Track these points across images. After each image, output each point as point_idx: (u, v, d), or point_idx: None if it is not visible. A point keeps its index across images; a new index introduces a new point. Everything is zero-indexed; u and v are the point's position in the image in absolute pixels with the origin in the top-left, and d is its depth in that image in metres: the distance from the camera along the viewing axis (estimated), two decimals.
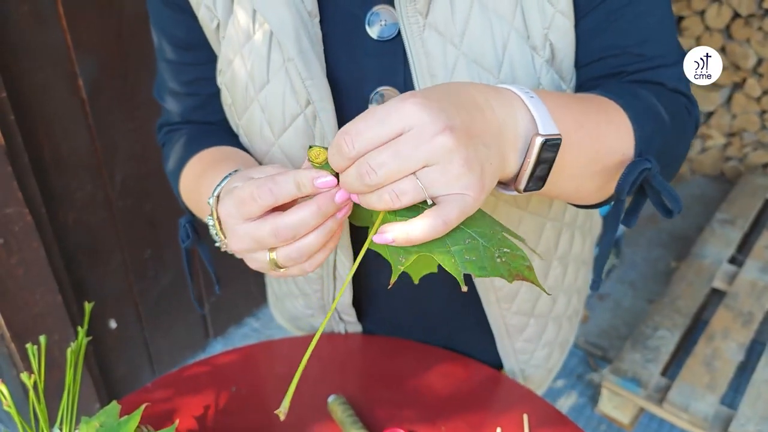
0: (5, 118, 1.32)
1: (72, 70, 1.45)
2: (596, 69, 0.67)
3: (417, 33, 0.63)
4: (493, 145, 0.48)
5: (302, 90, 0.65)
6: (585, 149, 0.56)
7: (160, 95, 0.82)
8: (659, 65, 0.66)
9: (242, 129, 0.73)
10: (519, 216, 0.76)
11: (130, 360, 1.84)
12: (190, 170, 0.74)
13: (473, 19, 0.62)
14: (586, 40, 0.66)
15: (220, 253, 1.11)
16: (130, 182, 1.65)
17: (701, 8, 2.57)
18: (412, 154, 0.44)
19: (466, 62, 0.63)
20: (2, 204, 1.32)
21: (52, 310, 1.46)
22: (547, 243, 0.81)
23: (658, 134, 0.62)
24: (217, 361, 0.92)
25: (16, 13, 1.31)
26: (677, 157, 0.68)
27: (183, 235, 0.75)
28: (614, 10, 0.64)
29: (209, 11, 0.69)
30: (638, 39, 0.66)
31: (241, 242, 0.53)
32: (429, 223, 0.45)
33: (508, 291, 0.82)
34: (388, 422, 0.80)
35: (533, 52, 0.64)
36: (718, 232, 2.33)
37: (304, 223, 0.49)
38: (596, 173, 0.58)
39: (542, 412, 0.82)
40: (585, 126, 0.56)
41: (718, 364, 1.83)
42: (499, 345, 0.90)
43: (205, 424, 0.82)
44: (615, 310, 2.28)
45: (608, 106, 0.60)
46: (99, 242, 1.64)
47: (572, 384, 2.02)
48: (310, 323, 0.97)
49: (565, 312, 0.94)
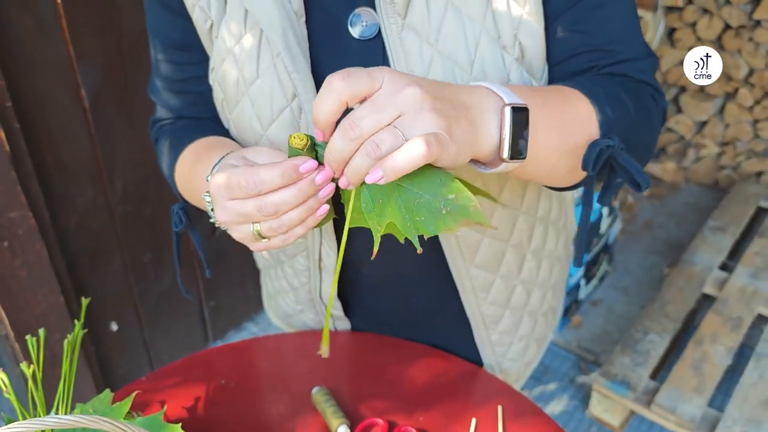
0: (10, 126, 1.37)
1: (74, 80, 1.50)
2: (570, 65, 0.72)
3: (396, 33, 0.68)
4: (461, 111, 0.53)
5: (289, 84, 0.70)
6: (553, 129, 0.62)
7: (154, 92, 0.87)
8: (627, 59, 0.72)
9: (233, 123, 0.78)
10: (492, 207, 0.80)
11: (130, 361, 1.89)
12: (184, 159, 0.79)
13: (447, 21, 0.68)
14: (559, 40, 0.71)
15: (221, 258, 1.14)
16: (130, 188, 1.70)
17: (692, 20, 2.62)
18: (386, 104, 0.50)
19: (440, 59, 0.68)
20: (6, 208, 1.37)
21: (54, 310, 1.51)
22: (520, 235, 0.85)
23: (621, 120, 0.66)
24: (208, 356, 0.97)
25: (21, 26, 1.37)
26: (645, 143, 0.72)
27: (176, 220, 0.80)
28: (584, 13, 0.70)
29: (203, 12, 0.74)
30: (607, 38, 0.71)
31: (227, 215, 0.59)
32: (412, 146, 0.49)
33: (483, 280, 0.86)
34: (368, 413, 0.84)
35: (503, 51, 0.69)
36: (710, 239, 2.37)
37: (286, 202, 0.56)
38: (567, 153, 0.64)
39: (517, 405, 0.86)
40: (550, 109, 0.62)
41: (706, 367, 1.86)
42: (476, 336, 0.93)
43: (195, 414, 0.86)
44: (608, 316, 2.31)
45: (572, 94, 0.65)
46: (100, 245, 1.69)
47: (564, 387, 2.06)
48: (301, 320, 1.01)
49: (540, 307, 0.97)
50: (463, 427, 0.82)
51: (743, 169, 2.80)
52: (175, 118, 0.87)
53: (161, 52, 0.82)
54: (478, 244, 0.82)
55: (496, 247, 0.84)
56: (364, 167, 0.51)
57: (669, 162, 2.97)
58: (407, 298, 0.93)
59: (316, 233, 0.82)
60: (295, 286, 0.94)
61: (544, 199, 0.87)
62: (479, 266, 0.84)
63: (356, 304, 0.96)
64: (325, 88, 0.51)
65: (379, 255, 0.81)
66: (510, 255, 0.86)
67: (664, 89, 2.85)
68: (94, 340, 1.76)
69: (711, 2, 2.54)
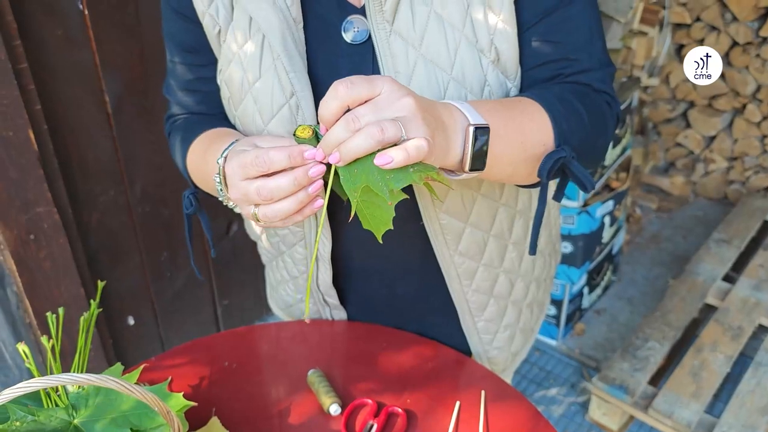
0: (39, 128, 1.46)
1: (99, 87, 1.59)
2: (539, 73, 0.81)
3: (384, 38, 0.77)
4: (440, 127, 0.63)
5: (287, 84, 0.78)
6: (512, 141, 0.72)
7: (168, 91, 0.96)
8: (588, 69, 0.81)
9: (238, 118, 0.85)
10: (473, 197, 0.87)
11: (146, 355, 1.96)
12: (195, 148, 0.86)
13: (430, 27, 0.76)
14: (530, 49, 0.80)
15: (235, 258, 1.22)
16: (149, 189, 1.78)
17: (700, 37, 2.66)
18: (386, 108, 0.60)
19: (424, 62, 0.77)
20: (34, 203, 1.46)
21: (75, 301, 1.59)
22: (500, 226, 0.92)
23: (576, 130, 0.76)
24: (213, 340, 1.04)
25: (51, 35, 1.46)
26: (599, 146, 0.82)
27: (186, 203, 0.87)
28: (553, 25, 0.79)
29: (212, 19, 0.82)
30: (574, 48, 0.80)
31: (236, 194, 0.68)
32: (414, 144, 0.59)
33: (467, 268, 0.92)
34: (359, 394, 0.90)
35: (480, 54, 0.77)
36: (714, 251, 2.40)
37: (281, 188, 0.64)
38: (525, 160, 0.74)
39: (499, 390, 0.91)
40: (510, 122, 0.71)
41: (704, 374, 1.90)
42: (462, 323, 1.00)
43: (199, 391, 0.92)
44: (611, 325, 2.35)
45: (531, 107, 0.74)
46: (119, 243, 1.77)
47: (566, 392, 2.10)
48: (300, 309, 1.08)
49: (525, 299, 1.03)
50: (447, 409, 0.88)
51: (752, 183, 2.82)
52: (186, 114, 0.95)
53: (175, 55, 0.90)
54: (461, 233, 0.89)
55: (478, 236, 0.90)
56: (364, 147, 0.59)
57: (677, 176, 3.00)
58: (396, 286, 0.99)
59: (313, 224, 0.90)
60: (295, 275, 1.01)
61: (523, 192, 0.93)
62: (463, 254, 0.91)
63: (350, 293, 1.02)
64: (331, 93, 0.60)
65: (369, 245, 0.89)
66: (492, 244, 0.92)
67: (673, 105, 2.90)
68: (112, 332, 1.84)
69: (718, 19, 2.59)
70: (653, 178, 3.05)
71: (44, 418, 0.76)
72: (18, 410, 0.75)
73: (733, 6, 2.52)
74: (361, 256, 0.96)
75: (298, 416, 0.88)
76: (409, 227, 0.90)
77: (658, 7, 2.52)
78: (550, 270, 1.09)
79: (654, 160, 3.06)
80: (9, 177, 1.40)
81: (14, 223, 1.44)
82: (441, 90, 0.77)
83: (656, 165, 3.09)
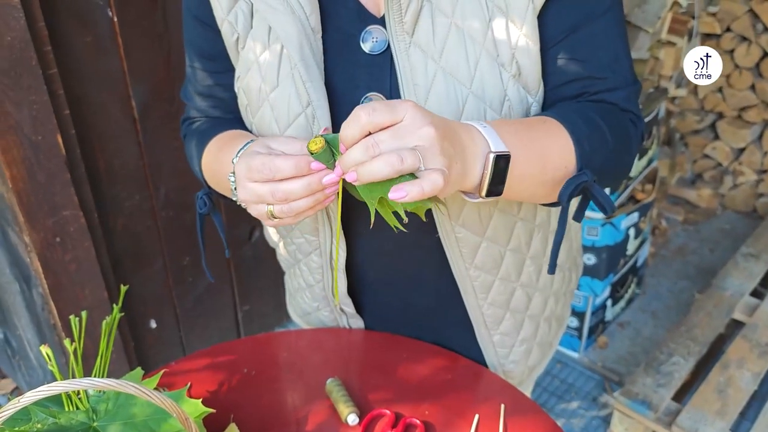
0: (67, 133, 1.49)
1: (126, 93, 1.61)
2: (564, 91, 0.80)
3: (404, 49, 0.76)
4: (459, 154, 0.63)
5: (304, 93, 0.78)
6: (532, 165, 0.71)
7: (186, 96, 0.97)
8: (614, 87, 0.80)
9: (255, 126, 0.86)
10: (489, 211, 0.86)
11: (168, 359, 1.98)
12: (210, 149, 0.87)
13: (450, 40, 0.76)
14: (555, 66, 0.79)
15: (257, 265, 1.22)
16: (173, 194, 1.80)
17: (730, 47, 2.63)
18: (406, 136, 0.60)
19: (443, 75, 0.76)
20: (61, 207, 1.48)
21: (99, 304, 1.62)
22: (518, 240, 0.91)
23: (599, 150, 0.75)
24: (233, 346, 1.04)
25: (81, 42, 1.49)
26: (622, 165, 0.82)
27: (200, 204, 0.89)
28: (578, 42, 0.78)
29: (231, 26, 0.82)
30: (599, 66, 0.79)
31: (246, 195, 0.70)
32: (430, 180, 0.59)
33: (483, 281, 0.91)
34: (377, 404, 0.89)
35: (501, 68, 0.76)
36: (742, 266, 2.35)
37: (295, 192, 0.66)
38: (545, 183, 0.73)
39: (518, 403, 0.90)
40: (531, 146, 0.71)
41: (730, 391, 1.86)
42: (478, 336, 0.98)
43: (217, 396, 0.92)
44: (634, 338, 2.32)
45: (554, 129, 0.74)
46: (143, 247, 1.79)
47: (587, 406, 2.07)
48: (318, 317, 1.08)
49: (542, 313, 1.02)
50: (466, 422, 0.87)
51: None
52: (202, 117, 0.96)
53: (194, 61, 0.91)
54: (478, 246, 0.88)
55: (495, 250, 0.89)
56: (382, 174, 0.59)
57: (705, 188, 2.96)
58: (412, 297, 0.99)
59: (328, 233, 0.90)
60: (311, 284, 1.01)
61: (541, 208, 0.92)
62: (478, 268, 0.90)
63: (366, 303, 1.02)
64: (352, 119, 0.61)
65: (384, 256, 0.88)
66: (509, 258, 0.91)
67: (701, 116, 2.86)
68: (134, 335, 1.86)
69: (749, 30, 2.55)
70: (680, 189, 3.01)
71: (65, 421, 0.76)
72: (39, 412, 0.76)
73: (765, 16, 2.48)
74: (376, 267, 0.96)
75: (315, 425, 0.88)
76: (425, 239, 0.89)
77: (687, 17, 2.49)
78: (570, 284, 1.08)
79: (681, 171, 3.01)
80: (37, 181, 1.43)
81: (41, 226, 1.47)
82: (460, 104, 0.76)
83: (683, 177, 3.05)
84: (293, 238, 0.96)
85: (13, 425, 0.74)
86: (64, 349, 1.60)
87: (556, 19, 0.76)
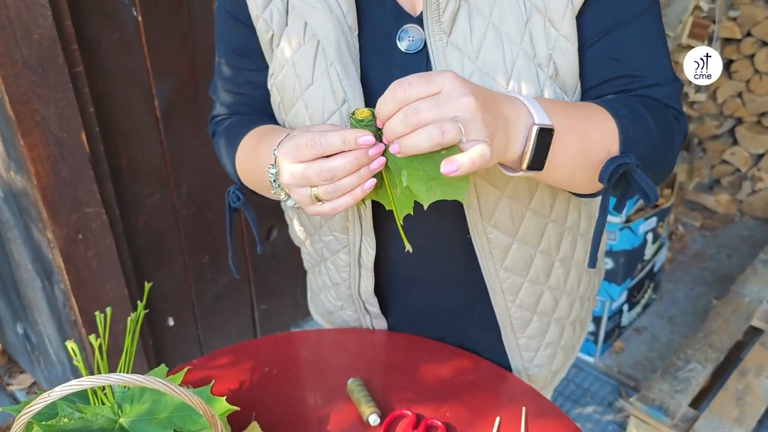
0: (91, 130, 1.50)
1: (150, 91, 1.63)
2: (602, 90, 0.79)
3: (440, 49, 0.76)
4: (501, 125, 0.63)
5: (340, 90, 0.78)
6: (575, 144, 0.70)
7: (215, 92, 0.96)
8: (654, 84, 0.79)
9: (288, 123, 0.85)
10: (522, 212, 0.86)
11: (185, 356, 1.99)
12: (245, 144, 0.86)
13: (487, 40, 0.75)
14: (592, 66, 0.78)
15: (275, 263, 1.21)
16: (194, 192, 1.81)
17: (751, 52, 2.60)
18: (446, 106, 0.59)
19: (480, 74, 0.76)
20: (84, 203, 1.50)
21: (120, 301, 1.63)
22: (548, 242, 0.91)
23: (642, 139, 0.74)
24: (256, 344, 1.05)
25: (106, 40, 1.51)
26: (665, 159, 0.80)
27: (233, 198, 0.87)
28: (616, 41, 0.77)
29: (266, 23, 0.82)
30: (638, 65, 0.78)
31: (292, 178, 0.67)
32: (478, 151, 0.59)
33: (512, 283, 0.91)
34: (398, 405, 0.90)
35: (538, 69, 0.76)
36: (761, 272, 2.33)
37: (342, 168, 0.64)
38: (586, 165, 0.72)
39: (540, 407, 0.90)
40: (575, 125, 0.70)
41: (749, 399, 1.84)
42: (504, 339, 0.98)
43: (240, 394, 0.93)
44: (651, 344, 2.30)
45: (598, 113, 0.73)
46: (163, 245, 1.81)
47: (603, 411, 2.06)
48: (341, 317, 1.08)
49: (568, 317, 1.01)
50: (487, 424, 0.87)
51: None
52: (231, 115, 0.95)
53: (224, 57, 0.91)
54: (508, 248, 0.88)
55: (525, 252, 0.89)
56: (423, 147, 0.59)
57: (723, 194, 2.93)
58: (438, 297, 0.99)
59: (358, 231, 0.90)
60: (337, 282, 1.01)
61: (573, 210, 0.91)
62: (508, 269, 0.90)
63: (392, 302, 1.02)
64: (389, 94, 0.61)
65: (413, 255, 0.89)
66: (538, 260, 0.91)
67: (720, 121, 2.83)
68: (153, 332, 1.87)
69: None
70: (697, 195, 2.98)
71: (91, 416, 0.77)
72: (66, 407, 0.77)
73: None
74: (404, 267, 0.96)
75: (337, 424, 0.88)
76: (456, 240, 0.89)
77: (707, 21, 2.47)
78: (594, 288, 1.07)
79: (699, 176, 2.99)
80: (61, 177, 1.45)
81: (64, 222, 1.48)
82: None
83: (701, 182, 3.02)
84: (321, 235, 0.96)
85: (41, 419, 0.75)
86: (85, 345, 1.62)
87: (595, 19, 0.76)
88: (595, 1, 0.76)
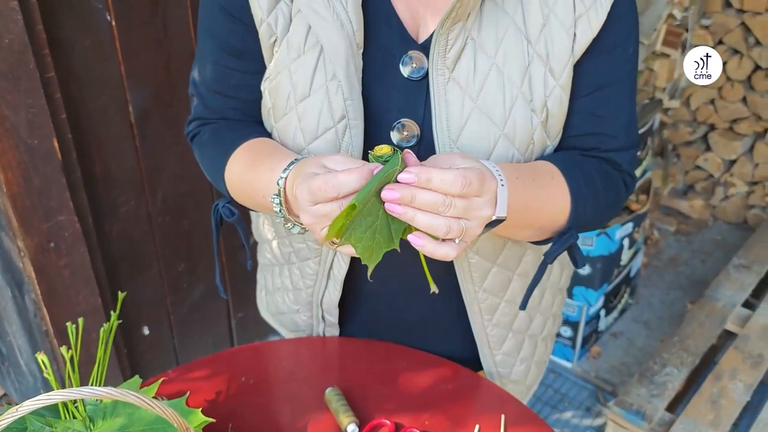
0: (63, 137, 1.47)
1: (124, 97, 1.60)
2: (579, 141, 0.83)
3: (442, 84, 0.76)
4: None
5: (339, 108, 0.77)
6: (527, 220, 0.77)
7: (198, 91, 0.90)
8: (623, 148, 0.84)
9: (277, 131, 0.83)
10: (503, 241, 0.88)
11: (161, 366, 1.96)
12: (237, 161, 0.83)
13: (490, 80, 0.76)
14: (578, 118, 0.81)
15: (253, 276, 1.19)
16: (170, 200, 1.79)
17: (723, 60, 2.65)
18: (469, 212, 0.64)
19: (478, 114, 0.76)
20: (56, 212, 1.47)
21: (92, 310, 1.60)
22: (526, 266, 0.92)
23: (590, 211, 0.81)
24: (232, 354, 1.03)
25: (79, 45, 1.48)
26: (603, 220, 0.88)
27: (226, 212, 0.85)
28: (603, 100, 0.81)
29: (269, 28, 0.79)
30: (616, 125, 0.83)
31: (311, 218, 0.66)
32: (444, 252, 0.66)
33: (490, 303, 0.92)
34: (377, 414, 0.89)
35: (533, 114, 0.77)
36: (734, 276, 2.37)
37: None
38: (534, 233, 0.80)
39: (518, 414, 0.90)
40: (532, 206, 0.75)
41: (723, 402, 1.86)
42: (481, 356, 0.99)
43: (216, 405, 0.92)
44: (627, 349, 2.32)
45: (559, 191, 0.78)
46: (138, 253, 1.78)
47: (581, 415, 2.07)
48: (293, 319, 1.05)
49: (541, 333, 1.03)
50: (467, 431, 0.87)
51: None
52: (217, 119, 0.90)
53: (215, 55, 0.85)
54: (488, 271, 0.89)
55: (504, 275, 0.90)
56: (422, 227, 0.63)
57: (697, 199, 2.98)
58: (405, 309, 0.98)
59: None
60: (299, 287, 0.98)
61: None
62: (487, 291, 0.90)
63: (354, 312, 1.01)
64: (451, 176, 0.61)
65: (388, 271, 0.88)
66: (516, 282, 0.92)
67: (694, 127, 2.88)
68: (127, 342, 1.84)
69: (741, 43, 2.57)
70: (672, 200, 3.02)
71: (61, 430, 0.75)
72: (35, 421, 0.75)
73: (757, 30, 2.51)
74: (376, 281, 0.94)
75: None
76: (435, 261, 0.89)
77: (680, 29, 2.51)
78: (562, 304, 1.10)
79: (673, 182, 3.03)
80: (33, 185, 1.42)
81: (36, 230, 1.45)
82: (491, 144, 0.77)
83: (675, 187, 3.07)
84: (293, 241, 0.94)
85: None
86: (57, 356, 1.59)
87: (588, 74, 0.79)
88: (593, 57, 0.78)
